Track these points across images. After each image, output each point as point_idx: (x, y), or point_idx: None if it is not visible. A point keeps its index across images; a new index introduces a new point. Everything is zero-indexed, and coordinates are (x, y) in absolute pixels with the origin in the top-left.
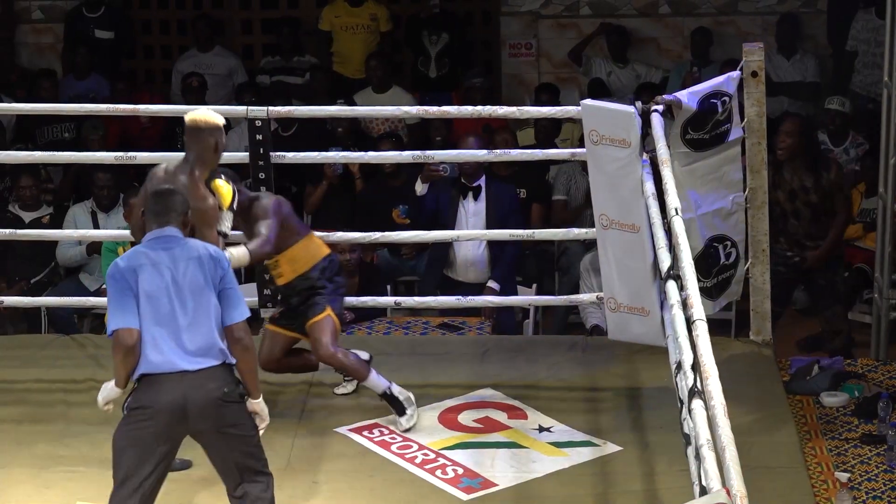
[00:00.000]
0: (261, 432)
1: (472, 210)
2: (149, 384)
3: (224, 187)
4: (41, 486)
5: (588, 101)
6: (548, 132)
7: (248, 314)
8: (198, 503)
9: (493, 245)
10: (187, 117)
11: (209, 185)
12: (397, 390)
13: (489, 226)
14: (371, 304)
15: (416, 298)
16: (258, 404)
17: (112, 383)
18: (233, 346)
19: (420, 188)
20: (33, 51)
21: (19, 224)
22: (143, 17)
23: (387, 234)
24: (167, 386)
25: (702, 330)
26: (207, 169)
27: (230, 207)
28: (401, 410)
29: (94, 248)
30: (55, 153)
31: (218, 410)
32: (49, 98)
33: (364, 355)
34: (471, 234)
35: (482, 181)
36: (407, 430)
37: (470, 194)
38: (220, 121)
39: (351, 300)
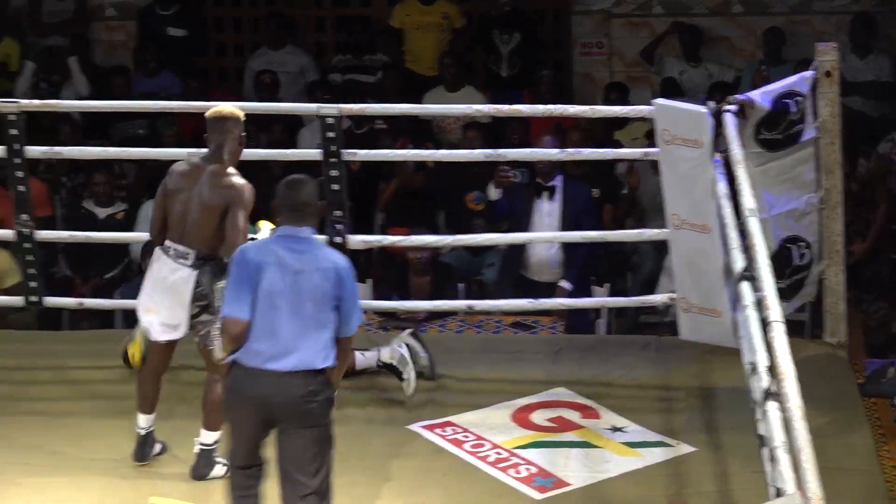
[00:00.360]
0: None
1: (547, 210)
2: (241, 372)
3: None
4: (118, 478)
5: (660, 101)
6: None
7: (356, 328)
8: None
9: (566, 245)
10: (212, 110)
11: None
12: (386, 356)
13: (563, 225)
14: (444, 308)
15: (489, 302)
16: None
17: None
18: (337, 355)
19: (494, 193)
20: (106, 48)
21: (93, 220)
22: (215, 15)
23: (460, 237)
24: (255, 381)
25: (779, 331)
26: (235, 159)
27: None
28: (399, 376)
29: None
30: (129, 149)
31: (301, 408)
32: (122, 95)
33: None
34: (543, 236)
35: (557, 181)
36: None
37: (545, 194)
38: (242, 114)
39: (423, 304)
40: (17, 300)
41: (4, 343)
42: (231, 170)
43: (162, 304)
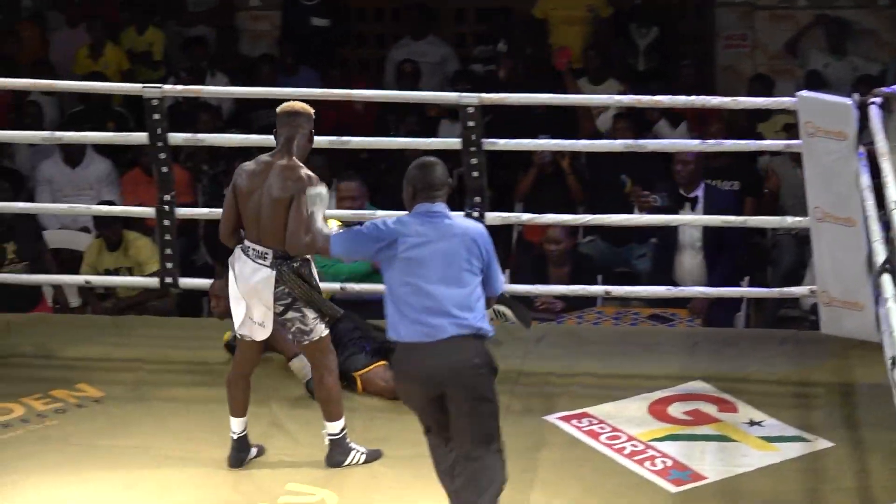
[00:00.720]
0: None
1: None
2: (405, 352)
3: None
4: (253, 465)
5: (804, 93)
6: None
7: (502, 287)
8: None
9: (708, 254)
10: (284, 105)
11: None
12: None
13: (707, 235)
14: (581, 293)
15: (627, 288)
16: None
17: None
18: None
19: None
20: (251, 38)
21: None
22: (358, 5)
23: (597, 216)
24: (420, 355)
25: None
26: (304, 155)
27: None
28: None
29: None
30: (268, 136)
31: (470, 379)
32: (268, 83)
33: None
34: (684, 219)
35: (700, 191)
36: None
37: (687, 205)
38: (312, 111)
39: (560, 289)
40: (153, 282)
41: (144, 329)
42: (299, 163)
43: (249, 302)
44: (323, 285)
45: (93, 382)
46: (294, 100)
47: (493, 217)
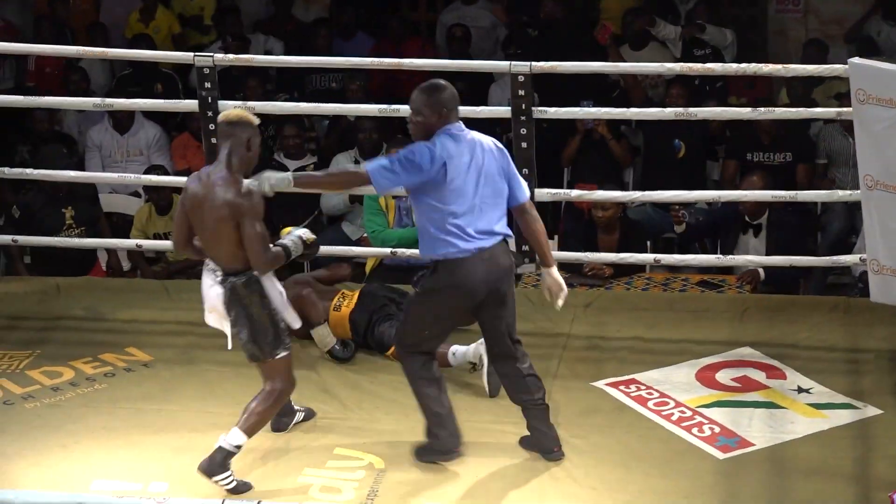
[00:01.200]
0: (560, 303)
1: (753, 245)
2: (455, 266)
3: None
4: (301, 430)
5: (856, 60)
6: (797, 89)
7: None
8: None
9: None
10: (223, 114)
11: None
12: (471, 355)
13: (770, 250)
14: (630, 261)
15: (676, 256)
16: (554, 272)
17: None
18: (526, 219)
19: (677, 229)
20: (305, 2)
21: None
22: None
23: (647, 193)
24: (472, 267)
25: None
26: (245, 166)
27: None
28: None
29: (357, 197)
30: (319, 104)
31: (509, 280)
32: (324, 47)
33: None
34: (733, 195)
35: (764, 219)
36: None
37: (751, 231)
38: (255, 120)
39: (609, 256)
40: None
41: (193, 293)
42: (237, 177)
43: (211, 315)
44: (373, 251)
45: (142, 346)
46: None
47: (543, 193)
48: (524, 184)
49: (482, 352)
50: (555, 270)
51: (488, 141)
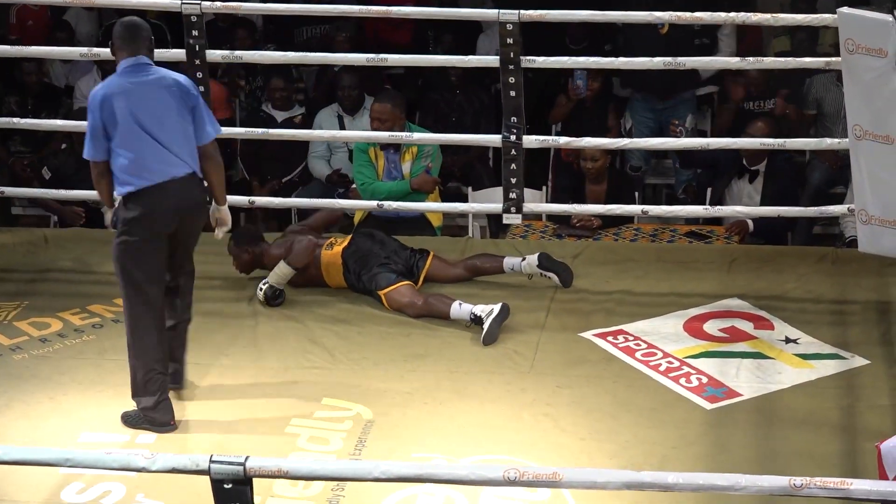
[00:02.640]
0: (219, 235)
1: (746, 192)
2: (145, 195)
3: None
4: (289, 381)
5: (845, 10)
6: (803, 43)
7: (216, 133)
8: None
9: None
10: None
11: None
12: (478, 310)
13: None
14: (618, 212)
15: (664, 207)
16: (224, 210)
17: (106, 209)
18: (205, 161)
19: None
20: None
21: (272, 123)
22: None
23: (635, 140)
24: (161, 193)
25: None
26: None
27: None
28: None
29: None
30: (306, 54)
31: (200, 211)
32: None
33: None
34: (721, 142)
35: (763, 166)
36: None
37: (747, 176)
38: None
39: (598, 208)
40: None
41: None
42: None
43: None
44: (360, 203)
45: None
46: (330, 17)
47: (531, 140)
48: (209, 127)
49: (493, 308)
50: (224, 208)
51: (171, 79)
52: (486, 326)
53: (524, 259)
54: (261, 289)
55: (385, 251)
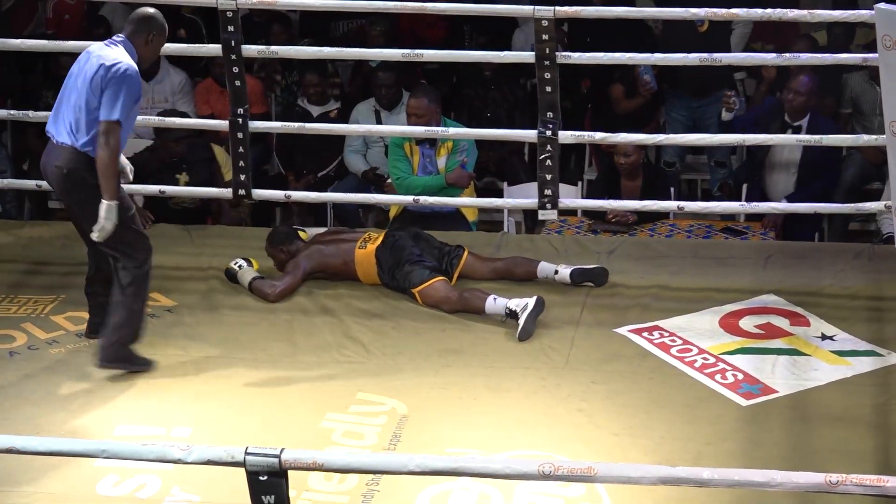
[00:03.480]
0: (93, 235)
1: (787, 149)
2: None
3: None
4: (324, 375)
5: (882, 5)
6: (839, 39)
7: (115, 117)
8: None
9: (802, 179)
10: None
11: None
12: (513, 304)
13: (804, 161)
14: (653, 208)
15: (699, 203)
16: (104, 206)
17: None
18: (98, 141)
19: (725, 116)
20: None
21: (308, 118)
22: None
23: (670, 136)
24: (45, 151)
25: None
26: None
27: None
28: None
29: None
30: (342, 49)
31: (56, 181)
32: None
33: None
34: (757, 138)
35: (805, 121)
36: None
37: (789, 132)
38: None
39: (633, 204)
40: (226, 192)
41: (217, 238)
42: None
43: None
44: (396, 198)
45: (165, 292)
46: (364, 14)
47: (566, 136)
48: (104, 109)
49: (528, 302)
50: (105, 205)
51: (98, 58)
52: (521, 322)
53: (557, 272)
54: (236, 265)
55: (419, 247)
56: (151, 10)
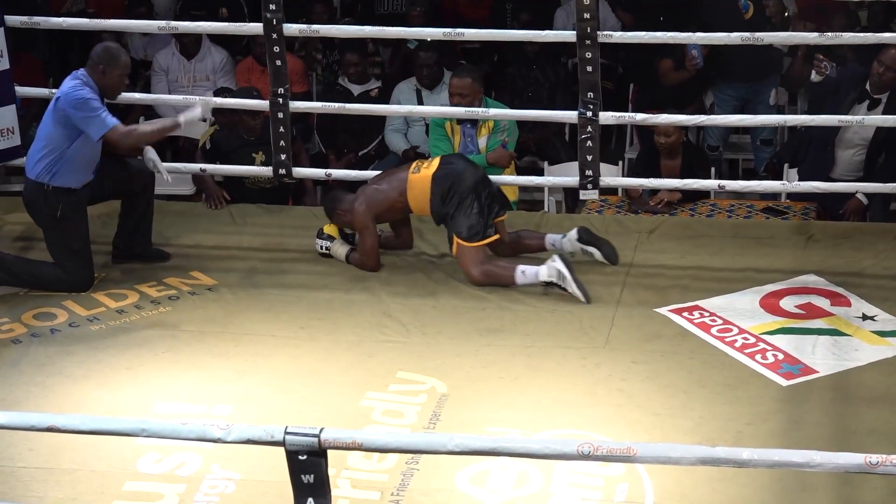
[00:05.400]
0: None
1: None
2: None
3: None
4: (364, 354)
5: None
6: (878, 17)
7: (98, 134)
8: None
9: (872, 156)
10: None
11: None
12: (544, 275)
13: (874, 137)
14: (694, 187)
15: (740, 182)
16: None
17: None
18: (116, 150)
19: (815, 77)
20: None
21: (348, 96)
22: None
23: (711, 117)
24: None
25: None
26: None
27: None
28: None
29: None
30: (383, 28)
31: (29, 208)
32: None
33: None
34: (800, 119)
35: (885, 97)
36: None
37: (867, 102)
38: None
39: (674, 182)
40: (266, 170)
41: (258, 217)
42: None
43: None
44: None
45: (206, 270)
46: None
47: (607, 116)
48: (89, 129)
49: (559, 266)
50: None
51: (61, 93)
52: (573, 289)
53: (565, 236)
54: (322, 247)
55: (473, 182)
56: (105, 44)
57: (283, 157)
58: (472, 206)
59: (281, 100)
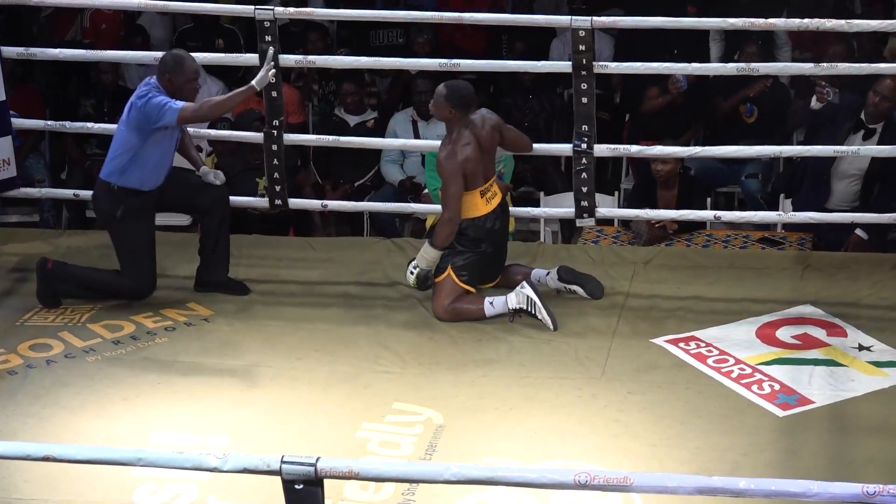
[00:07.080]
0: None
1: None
2: None
3: None
4: (360, 385)
5: None
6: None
7: (176, 113)
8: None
9: (868, 185)
10: None
11: None
12: (514, 302)
13: (872, 167)
14: (691, 217)
15: (736, 213)
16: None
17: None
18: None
19: (815, 104)
20: None
21: (345, 127)
22: None
23: (707, 148)
24: None
25: None
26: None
27: None
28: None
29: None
30: (379, 59)
31: (96, 207)
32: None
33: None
34: (794, 150)
35: (880, 126)
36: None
37: (862, 132)
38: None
39: (670, 213)
40: (263, 202)
41: (254, 248)
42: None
43: None
44: (433, 208)
45: (202, 301)
46: (404, 23)
47: (602, 149)
48: (160, 114)
49: (528, 293)
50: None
51: (138, 93)
52: (542, 316)
53: (548, 273)
54: (412, 272)
55: (499, 247)
56: (172, 51)
57: (277, 188)
58: (483, 256)
59: (275, 132)
